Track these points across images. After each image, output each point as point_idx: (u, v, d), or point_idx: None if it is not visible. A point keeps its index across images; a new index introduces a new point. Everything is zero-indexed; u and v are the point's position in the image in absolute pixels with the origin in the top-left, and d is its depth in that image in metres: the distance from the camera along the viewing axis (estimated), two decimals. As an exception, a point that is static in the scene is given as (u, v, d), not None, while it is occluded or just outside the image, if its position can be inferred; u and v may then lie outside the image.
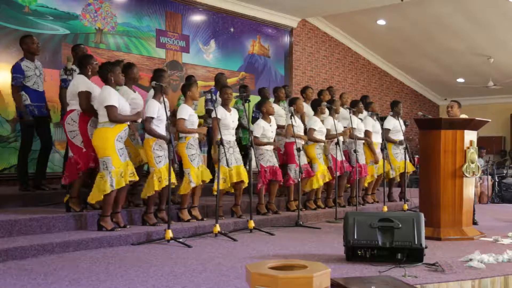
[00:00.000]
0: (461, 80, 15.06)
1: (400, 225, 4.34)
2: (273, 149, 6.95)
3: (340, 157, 7.56)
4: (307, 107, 8.01)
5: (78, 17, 8.05)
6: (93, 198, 5.16)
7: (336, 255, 4.67)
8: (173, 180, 5.57)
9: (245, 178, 6.29)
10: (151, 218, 5.66)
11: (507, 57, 12.87)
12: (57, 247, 4.64)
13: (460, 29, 11.79)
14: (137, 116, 5.45)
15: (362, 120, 8.41)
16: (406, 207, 7.93)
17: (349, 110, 7.91)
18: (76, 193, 5.43)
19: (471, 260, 4.35)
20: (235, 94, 7.07)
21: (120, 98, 5.24)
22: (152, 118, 5.45)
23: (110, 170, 5.07)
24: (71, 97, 5.44)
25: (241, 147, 6.95)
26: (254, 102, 8.47)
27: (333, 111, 7.73)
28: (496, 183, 11.39)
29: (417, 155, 8.74)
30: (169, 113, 5.53)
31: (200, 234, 5.66)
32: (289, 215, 6.97)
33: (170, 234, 5.13)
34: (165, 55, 9.26)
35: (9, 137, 7.20)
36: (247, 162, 6.38)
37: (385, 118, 8.76)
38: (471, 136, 5.93)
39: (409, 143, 8.43)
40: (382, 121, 8.65)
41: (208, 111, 7.31)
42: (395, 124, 8.43)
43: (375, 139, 8.46)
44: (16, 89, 6.02)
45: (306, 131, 7.50)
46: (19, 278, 3.75)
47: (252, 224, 5.98)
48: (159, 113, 5.48)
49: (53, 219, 5.17)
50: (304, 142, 7.37)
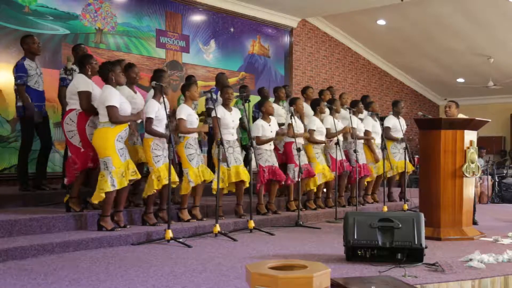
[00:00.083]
0: (461, 80, 15.06)
1: (400, 225, 4.34)
2: (273, 149, 6.95)
3: (340, 156, 7.56)
4: (307, 107, 8.01)
5: (78, 17, 8.05)
6: (96, 198, 5.17)
7: (336, 255, 4.67)
8: (174, 179, 5.58)
9: (244, 178, 6.28)
10: (151, 218, 5.66)
11: (507, 57, 12.87)
12: (57, 247, 4.64)
13: (460, 29, 11.79)
14: (137, 116, 5.46)
15: (362, 120, 8.41)
16: (406, 207, 7.93)
17: (349, 110, 7.91)
18: (76, 193, 5.43)
19: (471, 260, 4.35)
20: (235, 94, 7.07)
21: (121, 98, 5.24)
22: (152, 118, 5.46)
23: (111, 170, 5.08)
24: (70, 96, 5.44)
25: (241, 147, 6.95)
26: (254, 102, 8.47)
27: (334, 111, 7.74)
28: (496, 183, 11.39)
29: (417, 155, 8.74)
30: (169, 113, 5.52)
31: (200, 234, 5.66)
32: (289, 215, 6.97)
33: (170, 234, 5.13)
34: (165, 55, 9.26)
35: (9, 137, 7.20)
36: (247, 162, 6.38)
37: (385, 118, 8.76)
38: (471, 136, 5.93)
39: (409, 143, 8.42)
40: (382, 121, 8.65)
41: (208, 110, 7.31)
42: (395, 123, 8.43)
43: (375, 138, 8.46)
44: (22, 87, 5.96)
45: (306, 131, 7.50)
46: (19, 278, 3.75)
47: (252, 224, 5.98)
48: (158, 113, 5.48)
49: (53, 219, 5.17)
50: (304, 142, 7.37)
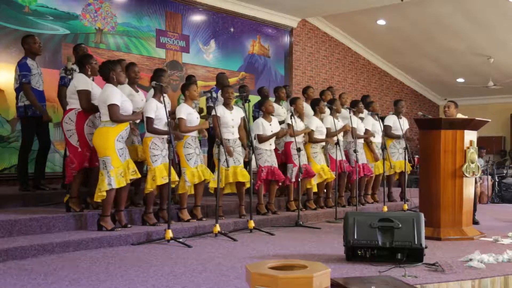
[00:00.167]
0: (461, 80, 15.06)
1: (400, 225, 4.34)
2: (273, 149, 6.95)
3: (340, 156, 7.56)
4: (308, 107, 8.00)
5: (78, 17, 8.05)
6: (97, 197, 5.18)
7: (336, 255, 4.67)
8: (174, 179, 5.59)
9: (241, 179, 6.27)
10: (151, 218, 5.66)
11: (507, 57, 12.86)
12: (57, 247, 4.64)
13: (460, 29, 11.79)
14: (137, 116, 5.46)
15: (362, 120, 8.41)
16: (406, 207, 7.93)
17: (349, 110, 7.91)
18: (76, 193, 5.43)
19: (471, 260, 4.35)
20: (235, 94, 7.07)
21: (122, 97, 5.24)
22: (152, 118, 5.46)
23: (109, 170, 5.08)
24: (70, 96, 5.45)
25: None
26: (254, 102, 8.47)
27: (334, 111, 7.73)
28: (496, 183, 11.39)
29: (417, 155, 8.74)
30: (168, 113, 5.52)
31: (200, 234, 5.66)
32: (289, 215, 6.96)
33: (170, 234, 5.13)
34: (165, 55, 9.26)
35: (9, 137, 7.20)
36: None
37: (385, 117, 8.76)
38: (471, 136, 5.93)
39: (409, 143, 8.42)
40: (383, 120, 8.65)
41: (208, 108, 7.31)
42: (395, 122, 8.41)
43: (375, 138, 8.46)
44: (28, 86, 5.94)
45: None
46: (19, 278, 3.75)
47: (252, 224, 5.98)
48: (157, 112, 5.48)
49: (53, 219, 5.17)
50: (304, 141, 7.37)
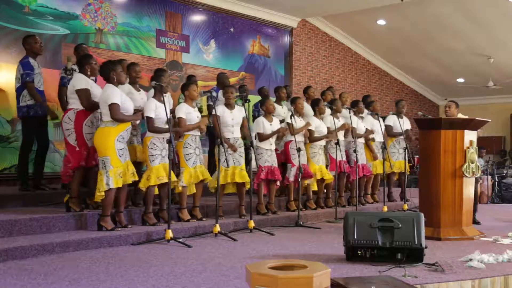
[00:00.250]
0: (461, 80, 15.06)
1: (400, 225, 4.34)
2: (273, 149, 6.95)
3: (340, 156, 7.56)
4: (308, 107, 8.00)
5: (78, 17, 8.05)
6: (97, 197, 5.19)
7: (336, 255, 4.67)
8: (174, 179, 5.59)
9: (239, 180, 6.26)
10: (151, 218, 5.66)
11: (507, 57, 12.87)
12: (57, 247, 4.64)
13: (460, 29, 11.79)
14: (137, 116, 5.46)
15: (362, 119, 8.40)
16: (406, 207, 7.93)
17: (349, 110, 7.91)
18: (75, 193, 5.43)
19: (471, 260, 4.35)
20: (235, 94, 7.06)
21: (123, 96, 5.24)
22: (151, 117, 5.46)
23: (108, 170, 5.08)
24: (70, 96, 5.46)
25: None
26: (253, 102, 8.47)
27: (334, 111, 7.73)
28: (496, 183, 11.39)
29: (417, 155, 8.73)
30: (169, 113, 5.52)
31: (200, 234, 5.66)
32: (289, 215, 6.96)
33: (170, 234, 5.13)
34: (165, 55, 9.26)
35: (9, 137, 7.20)
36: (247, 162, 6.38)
37: (385, 117, 8.75)
38: (471, 136, 5.93)
39: (409, 142, 8.41)
40: (383, 120, 8.64)
41: (209, 107, 7.31)
42: (395, 121, 8.40)
43: (375, 138, 8.45)
44: (32, 85, 5.91)
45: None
46: (19, 278, 3.75)
47: (252, 224, 5.98)
48: (157, 111, 5.49)
49: (53, 219, 5.17)
50: (304, 142, 7.37)
